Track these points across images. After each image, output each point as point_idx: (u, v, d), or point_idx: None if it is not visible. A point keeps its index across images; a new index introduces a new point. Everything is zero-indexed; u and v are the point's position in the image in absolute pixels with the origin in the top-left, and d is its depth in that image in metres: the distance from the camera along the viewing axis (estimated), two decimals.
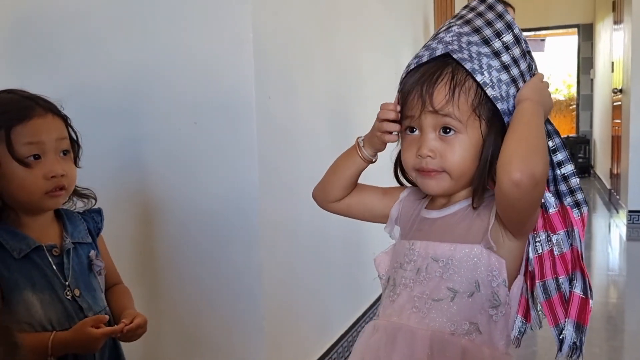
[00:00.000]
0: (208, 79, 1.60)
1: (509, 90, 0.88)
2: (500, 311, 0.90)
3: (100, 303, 1.15)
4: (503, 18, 0.90)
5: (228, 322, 1.65)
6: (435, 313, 0.89)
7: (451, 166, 0.89)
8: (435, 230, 0.94)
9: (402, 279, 0.94)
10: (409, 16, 3.30)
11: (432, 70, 0.89)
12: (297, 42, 1.87)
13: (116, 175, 1.68)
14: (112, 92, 1.67)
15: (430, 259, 0.91)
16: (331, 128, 2.15)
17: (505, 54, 0.88)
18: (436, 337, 0.87)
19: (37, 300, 1.05)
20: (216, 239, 1.64)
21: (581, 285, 0.93)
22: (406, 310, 0.91)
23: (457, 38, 0.89)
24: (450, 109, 0.87)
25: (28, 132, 1.04)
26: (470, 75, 0.87)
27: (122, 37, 1.66)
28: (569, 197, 0.94)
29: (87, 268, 1.14)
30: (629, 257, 3.93)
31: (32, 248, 1.06)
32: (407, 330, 0.89)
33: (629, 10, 4.82)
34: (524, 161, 0.79)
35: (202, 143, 1.62)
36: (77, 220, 1.19)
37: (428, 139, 0.90)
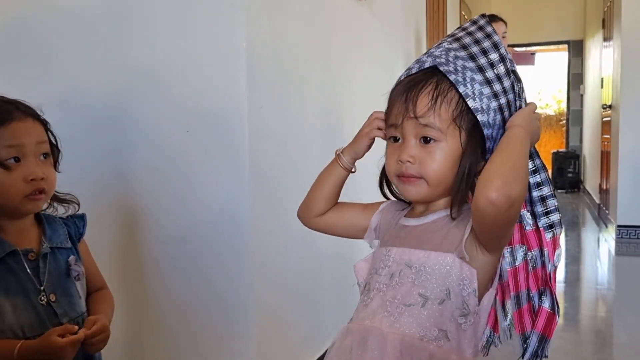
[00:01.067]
0: (201, 87, 1.60)
1: (490, 104, 0.92)
2: (469, 320, 0.92)
3: (77, 309, 1.13)
4: (491, 38, 0.95)
5: (217, 330, 1.64)
6: (406, 318, 0.90)
7: (429, 173, 0.93)
8: (412, 238, 0.97)
9: (376, 283, 0.96)
10: (401, 30, 3.33)
11: (418, 80, 0.94)
12: (290, 52, 1.88)
13: (106, 181, 1.68)
14: (105, 99, 1.67)
15: (404, 265, 0.94)
16: (323, 138, 2.16)
17: (490, 70, 0.92)
18: (406, 341, 0.89)
19: (9, 306, 1.03)
20: (207, 247, 1.63)
21: (549, 301, 0.97)
22: (378, 314, 0.93)
23: (446, 53, 0.94)
24: (432, 118, 0.91)
25: (8, 135, 1.04)
26: (454, 87, 0.91)
27: (116, 44, 1.66)
28: (544, 218, 0.99)
29: (65, 273, 1.13)
30: (617, 272, 3.95)
31: (7, 252, 1.06)
32: (379, 334, 0.90)
33: (618, 27, 4.89)
34: (504, 182, 0.82)
35: (194, 151, 1.62)
36: (57, 225, 1.17)
37: (409, 145, 0.93)
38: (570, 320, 2.95)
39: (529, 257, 0.99)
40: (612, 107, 5.18)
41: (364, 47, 2.64)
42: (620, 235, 4.62)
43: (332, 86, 2.25)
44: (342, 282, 2.38)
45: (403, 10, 3.35)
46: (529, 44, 7.68)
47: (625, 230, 4.64)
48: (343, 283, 2.39)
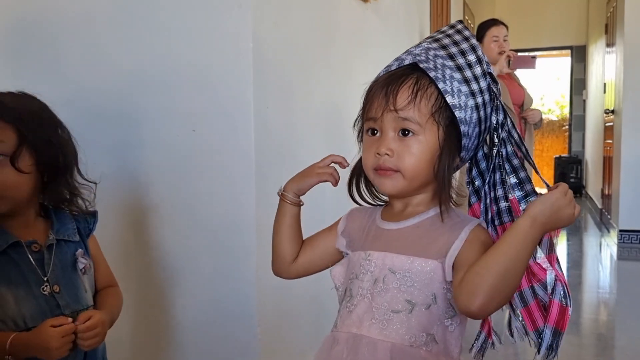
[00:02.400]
0: (207, 87, 1.61)
1: (467, 102, 0.93)
2: (455, 321, 0.93)
3: (82, 302, 1.13)
4: (469, 41, 0.96)
5: (222, 329, 1.65)
6: (394, 325, 0.91)
7: (406, 166, 0.93)
8: (393, 242, 0.96)
9: (359, 289, 0.95)
10: (405, 32, 3.34)
11: (398, 75, 0.95)
12: (296, 53, 1.89)
13: (113, 180, 1.68)
14: (112, 98, 1.68)
15: (388, 271, 0.93)
16: (327, 138, 2.17)
17: (468, 70, 0.94)
18: (396, 348, 0.90)
19: (11, 296, 1.04)
20: (212, 246, 1.64)
21: (560, 293, 0.95)
22: (365, 321, 0.93)
23: (426, 51, 0.95)
24: (411, 111, 0.92)
25: None
26: (433, 83, 0.92)
27: (124, 44, 1.67)
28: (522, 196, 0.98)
29: (70, 265, 1.14)
30: (619, 276, 3.95)
31: (10, 244, 1.07)
32: (369, 342, 0.91)
33: (621, 33, 4.90)
34: (488, 299, 0.82)
35: (200, 150, 1.63)
36: (66, 219, 1.18)
37: (387, 138, 0.94)
38: (572, 324, 2.96)
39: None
40: (614, 112, 5.19)
41: (369, 49, 2.65)
42: (622, 240, 4.63)
43: (336, 87, 2.26)
44: None
45: (407, 13, 3.37)
46: (532, 49, 7.68)
47: (627, 235, 4.64)
48: None
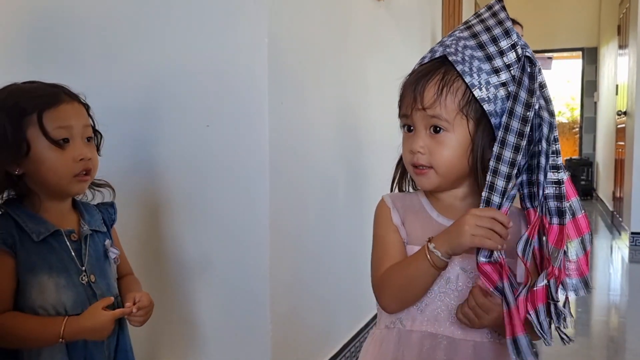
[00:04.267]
0: (222, 82, 1.62)
1: (497, 93, 0.91)
2: None
3: (113, 290, 1.17)
4: (502, 25, 0.93)
5: (234, 324, 1.65)
6: None
7: (438, 163, 0.94)
8: None
9: (429, 289, 0.95)
10: (417, 31, 3.34)
11: (426, 70, 0.95)
12: (310, 49, 1.89)
13: (127, 174, 1.69)
14: (127, 93, 1.69)
15: (459, 270, 0.95)
16: (340, 134, 2.17)
17: (499, 58, 0.92)
18: (478, 346, 0.93)
19: (53, 284, 1.07)
20: (225, 241, 1.65)
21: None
22: (442, 321, 0.94)
23: (456, 42, 0.95)
24: (438, 109, 0.92)
25: (59, 117, 1.08)
26: (460, 77, 0.92)
27: (140, 40, 1.68)
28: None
29: (103, 255, 1.17)
30: (631, 279, 3.93)
31: (51, 232, 1.09)
32: (451, 342, 0.93)
33: (634, 34, 4.87)
34: (390, 301, 0.94)
35: (214, 146, 1.64)
36: (93, 211, 1.21)
37: (420, 135, 0.95)
38: (584, 326, 2.94)
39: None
40: (627, 114, 5.15)
41: (381, 47, 2.65)
42: (634, 242, 4.60)
43: (349, 84, 2.26)
44: (358, 280, 2.39)
45: (420, 13, 3.37)
46: (543, 51, 7.65)
47: (639, 238, 4.61)
48: (359, 282, 2.40)
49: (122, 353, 1.18)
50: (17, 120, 1.06)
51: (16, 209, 1.09)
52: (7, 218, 1.08)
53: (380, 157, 2.65)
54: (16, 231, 1.07)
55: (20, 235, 1.06)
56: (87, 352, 1.10)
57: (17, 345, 1.06)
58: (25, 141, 1.06)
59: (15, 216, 1.08)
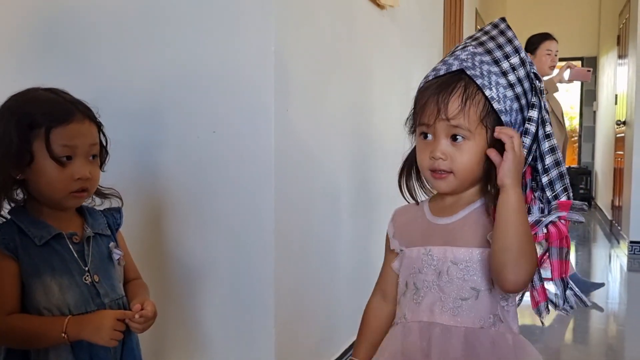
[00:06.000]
0: (229, 89, 1.64)
1: (512, 105, 1.01)
2: (510, 303, 1.03)
3: (117, 291, 1.19)
4: (512, 43, 1.02)
5: (239, 327, 1.67)
6: (464, 311, 1.01)
7: (458, 168, 1.01)
8: (450, 235, 1.04)
9: (424, 282, 1.04)
10: (420, 39, 3.37)
11: (447, 83, 1.01)
12: (316, 57, 1.92)
13: (134, 178, 1.71)
14: (135, 98, 1.71)
15: (450, 263, 1.02)
16: (344, 141, 2.19)
17: (512, 74, 1.01)
18: (469, 332, 1.00)
19: (56, 285, 1.10)
20: (230, 246, 1.66)
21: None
22: (436, 310, 1.02)
23: (472, 57, 1.02)
24: (461, 119, 0.99)
25: (66, 135, 1.10)
26: (480, 90, 0.99)
27: (148, 46, 1.70)
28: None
29: (107, 257, 1.19)
30: (629, 288, 3.94)
31: (53, 235, 1.12)
32: (443, 328, 1.01)
33: (633, 44, 4.90)
34: (512, 271, 0.94)
35: (220, 151, 1.66)
36: (97, 215, 1.24)
37: (441, 143, 1.01)
38: (583, 334, 2.96)
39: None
40: (626, 124, 5.18)
41: (385, 55, 2.68)
42: (633, 251, 4.61)
43: (355, 91, 2.29)
44: (362, 286, 2.41)
45: (423, 21, 3.40)
46: None
47: (637, 247, 4.63)
48: (362, 287, 2.41)
49: (128, 351, 1.19)
50: (26, 131, 1.08)
51: (20, 215, 1.13)
52: (10, 224, 1.12)
53: (385, 165, 2.68)
54: (18, 236, 1.10)
55: (23, 240, 1.10)
56: (93, 350, 1.11)
57: (25, 345, 1.10)
58: (29, 152, 1.09)
59: (18, 222, 1.11)
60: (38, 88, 1.17)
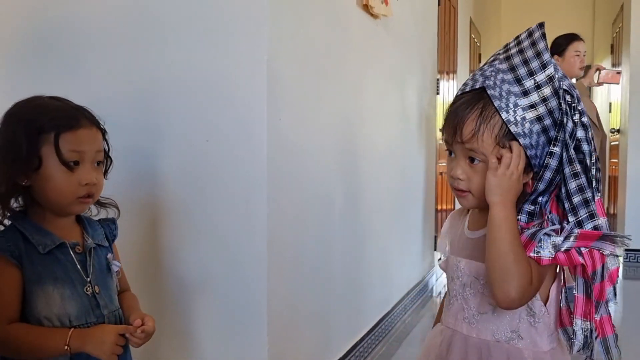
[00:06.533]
0: (221, 98, 1.64)
1: (532, 128, 0.97)
2: (538, 319, 1.04)
3: (115, 303, 1.20)
4: (541, 57, 0.98)
5: (232, 337, 1.66)
6: (482, 324, 1.06)
7: (475, 188, 1.03)
8: (475, 250, 1.07)
9: (453, 290, 1.11)
10: (414, 49, 3.38)
11: (468, 103, 1.01)
12: (308, 67, 1.92)
13: (127, 188, 1.70)
14: (127, 107, 1.71)
15: (473, 277, 1.07)
16: (337, 151, 2.20)
17: (535, 93, 0.97)
18: (484, 344, 1.05)
19: (58, 295, 1.10)
20: (224, 255, 1.66)
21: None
22: (459, 319, 1.09)
23: (495, 74, 1.00)
24: (475, 143, 0.99)
25: (74, 140, 1.11)
26: (498, 112, 0.98)
27: (141, 55, 1.71)
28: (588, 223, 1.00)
29: (105, 268, 1.20)
30: (625, 296, 3.94)
31: (57, 244, 1.12)
32: (461, 337, 1.08)
33: (627, 53, 4.94)
34: (499, 289, 0.96)
35: (213, 161, 1.66)
36: (95, 225, 1.24)
37: (459, 164, 1.04)
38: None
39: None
40: (620, 132, 5.21)
41: (379, 64, 2.69)
42: (628, 259, 4.62)
43: (347, 101, 2.29)
44: (355, 295, 2.41)
45: (416, 30, 3.41)
46: None
47: (633, 254, 4.63)
48: (356, 297, 2.41)
49: None
50: (34, 136, 1.09)
51: (22, 221, 1.12)
52: (13, 230, 1.11)
53: (378, 174, 2.68)
54: (22, 243, 1.09)
55: (27, 247, 1.09)
56: None
57: (24, 355, 1.09)
58: (37, 157, 1.09)
59: (21, 229, 1.11)
60: (42, 96, 1.18)
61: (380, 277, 2.72)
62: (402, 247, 3.09)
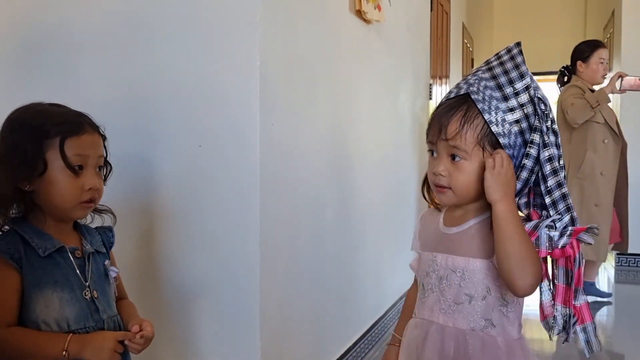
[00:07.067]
0: (214, 103, 1.65)
1: (511, 129, 1.09)
2: (509, 309, 1.12)
3: (113, 309, 1.20)
4: (519, 69, 1.11)
5: (225, 341, 1.66)
6: (457, 314, 1.12)
7: (456, 185, 1.12)
8: (452, 245, 1.15)
9: (429, 284, 1.17)
10: (406, 54, 3.39)
11: (452, 106, 1.11)
12: (301, 72, 1.93)
13: (121, 193, 1.70)
14: (121, 113, 1.71)
15: (450, 270, 1.13)
16: (330, 155, 2.20)
17: (513, 99, 1.09)
18: (460, 332, 1.11)
19: (57, 298, 1.10)
20: (217, 259, 1.66)
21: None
22: (435, 311, 1.15)
23: (478, 82, 1.11)
24: (458, 141, 1.08)
25: (79, 145, 1.13)
26: (481, 114, 1.08)
27: (134, 61, 1.71)
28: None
29: (103, 274, 1.21)
30: (617, 299, 3.96)
31: (57, 248, 1.12)
32: (438, 327, 1.13)
33: (618, 59, 4.98)
34: (519, 278, 1.03)
35: (206, 166, 1.66)
36: (93, 233, 1.25)
37: (442, 161, 1.12)
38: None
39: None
40: None
41: (371, 70, 2.70)
42: (620, 263, 4.65)
43: (340, 106, 2.30)
44: (348, 298, 2.41)
45: (409, 35, 3.43)
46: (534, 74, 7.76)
47: (624, 258, 4.66)
48: (349, 300, 2.42)
49: None
50: (39, 141, 1.10)
51: (22, 225, 1.13)
52: (13, 234, 1.11)
53: (370, 177, 2.69)
54: (22, 246, 1.10)
55: (27, 250, 1.10)
56: None
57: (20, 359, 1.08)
58: (42, 161, 1.10)
59: (21, 232, 1.11)
60: (42, 102, 1.19)
61: (373, 281, 2.72)
62: (394, 251, 3.10)
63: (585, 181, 3.43)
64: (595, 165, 3.43)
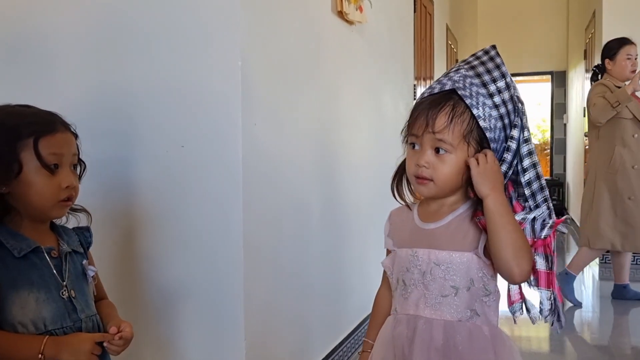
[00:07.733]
0: (196, 104, 1.65)
1: (496, 124, 1.14)
2: (491, 298, 1.16)
3: (92, 309, 1.20)
4: (500, 69, 1.16)
5: (209, 344, 1.66)
6: (444, 306, 1.14)
7: (439, 177, 1.14)
8: (434, 240, 1.17)
9: (411, 280, 1.18)
10: (389, 55, 3.41)
11: (439, 100, 1.14)
12: (283, 72, 1.94)
13: (103, 196, 1.70)
14: (103, 114, 1.71)
15: (433, 264, 1.15)
16: (312, 155, 2.21)
17: (497, 96, 1.14)
18: (448, 324, 1.13)
19: (33, 299, 1.09)
20: (199, 261, 1.66)
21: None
22: (420, 305, 1.16)
23: (463, 79, 1.15)
24: (446, 134, 1.11)
25: (54, 144, 1.12)
26: (468, 109, 1.12)
27: (115, 62, 1.71)
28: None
29: (81, 273, 1.20)
30: (601, 296, 3.99)
31: (32, 248, 1.11)
32: (426, 321, 1.15)
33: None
34: (516, 266, 1.08)
35: (189, 166, 1.66)
36: (70, 233, 1.24)
37: (426, 153, 1.14)
38: (555, 342, 2.99)
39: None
40: None
41: (354, 70, 2.71)
42: (604, 260, 4.68)
43: (322, 106, 2.31)
44: (333, 299, 2.41)
45: (392, 37, 3.44)
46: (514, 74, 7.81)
47: (608, 256, 4.69)
48: (333, 300, 2.42)
49: None
50: (13, 142, 1.09)
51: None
52: None
53: (354, 178, 2.69)
54: None
55: (1, 252, 1.09)
56: None
57: None
58: (17, 163, 1.09)
59: None
60: (10, 104, 1.17)
61: (359, 281, 2.73)
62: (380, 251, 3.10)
63: (617, 175, 3.48)
64: (626, 159, 3.47)
